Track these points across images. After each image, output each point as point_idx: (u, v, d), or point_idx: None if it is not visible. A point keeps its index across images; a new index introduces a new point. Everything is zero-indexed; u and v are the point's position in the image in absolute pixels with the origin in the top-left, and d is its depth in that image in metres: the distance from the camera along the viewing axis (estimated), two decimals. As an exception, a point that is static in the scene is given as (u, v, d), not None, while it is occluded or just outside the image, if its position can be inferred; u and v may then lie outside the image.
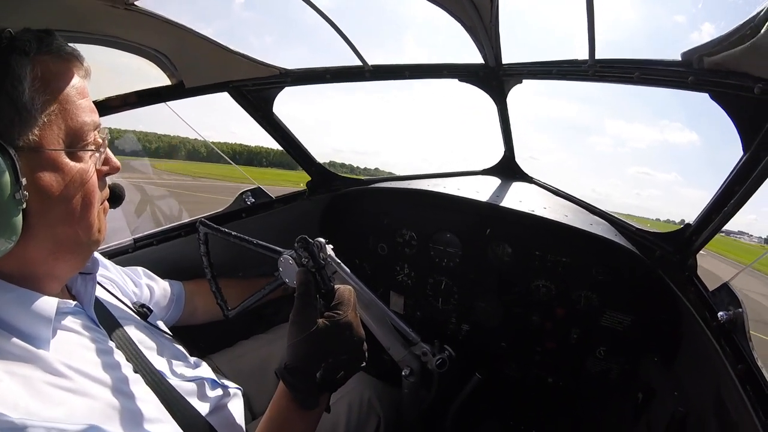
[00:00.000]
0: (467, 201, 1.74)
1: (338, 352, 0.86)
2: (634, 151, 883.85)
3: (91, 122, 0.79)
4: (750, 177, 1.13)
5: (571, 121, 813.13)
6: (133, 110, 1.63)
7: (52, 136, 0.72)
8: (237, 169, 2.26)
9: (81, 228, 0.79)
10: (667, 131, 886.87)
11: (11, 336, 0.69)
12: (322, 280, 0.94)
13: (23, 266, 0.74)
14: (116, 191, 0.92)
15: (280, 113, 1.88)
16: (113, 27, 1.40)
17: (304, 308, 0.88)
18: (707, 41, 1.13)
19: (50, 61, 0.74)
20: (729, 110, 1.14)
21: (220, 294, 1.36)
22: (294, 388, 0.84)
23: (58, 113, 0.73)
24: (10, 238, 0.67)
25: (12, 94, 0.68)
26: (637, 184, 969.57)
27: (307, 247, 0.97)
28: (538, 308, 1.76)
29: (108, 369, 0.80)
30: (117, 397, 0.77)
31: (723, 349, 1.12)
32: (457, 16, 1.53)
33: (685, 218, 1.77)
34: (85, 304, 0.88)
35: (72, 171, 0.75)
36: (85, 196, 0.78)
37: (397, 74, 1.86)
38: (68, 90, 0.75)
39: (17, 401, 0.62)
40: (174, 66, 1.60)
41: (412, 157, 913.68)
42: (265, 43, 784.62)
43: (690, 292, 1.35)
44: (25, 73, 0.70)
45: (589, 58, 1.38)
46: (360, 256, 2.17)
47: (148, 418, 0.81)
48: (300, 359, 0.84)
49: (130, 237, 1.67)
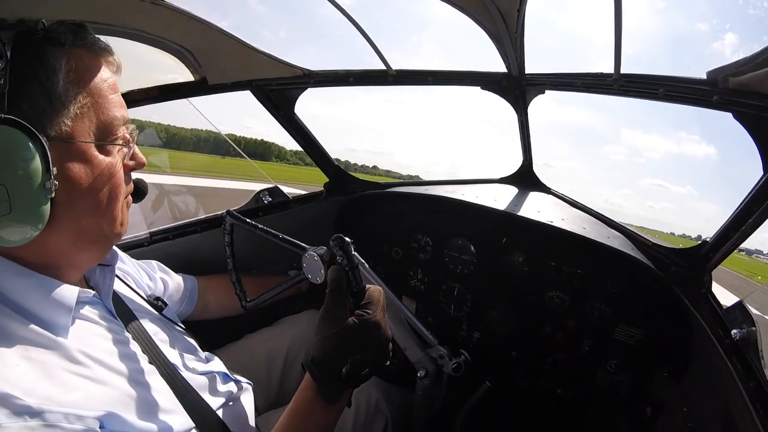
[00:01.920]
0: (484, 209, 1.74)
1: (366, 350, 0.88)
2: (649, 162, 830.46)
3: (121, 117, 0.80)
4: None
5: (587, 128, 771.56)
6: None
7: (84, 128, 0.74)
8: (255, 167, 2.26)
9: (105, 220, 0.80)
10: (684, 143, 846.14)
11: (30, 322, 0.70)
12: (354, 279, 0.94)
13: (45, 254, 0.75)
14: (140, 186, 0.94)
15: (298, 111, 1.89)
16: (139, 21, 1.40)
17: (335, 304, 0.90)
18: (733, 61, 1.14)
19: (84, 55, 0.76)
20: (752, 131, 1.15)
21: (240, 285, 1.36)
22: (320, 382, 0.85)
23: (90, 106, 0.75)
24: (36, 225, 0.68)
25: (46, 84, 0.69)
26: (651, 196, 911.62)
27: (343, 245, 0.98)
28: (551, 319, 1.77)
29: (124, 359, 0.82)
30: (133, 386, 0.79)
31: (735, 367, 1.13)
32: (483, 23, 1.54)
33: (701, 233, 1.73)
34: (103, 294, 0.89)
35: (101, 164, 0.77)
36: (112, 189, 0.79)
37: (420, 80, 1.87)
38: (101, 84, 0.77)
39: (35, 386, 0.63)
40: (198, 62, 1.61)
41: (425, 158, 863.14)
42: (283, 40, 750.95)
43: (704, 308, 1.36)
44: (60, 64, 0.71)
45: (614, 72, 1.38)
46: (374, 259, 2.15)
47: (162, 408, 0.82)
48: (328, 354, 0.86)
49: (146, 231, 1.67)
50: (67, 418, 0.63)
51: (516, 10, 1.39)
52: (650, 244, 1.65)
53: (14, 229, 0.66)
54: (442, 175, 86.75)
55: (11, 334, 0.67)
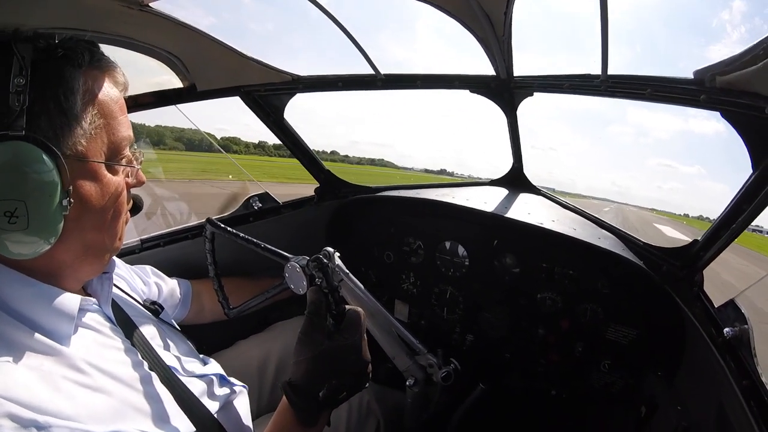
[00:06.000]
0: (475, 211, 1.75)
1: (343, 374, 0.88)
2: (656, 142, 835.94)
3: (128, 137, 0.83)
4: (759, 195, 1.14)
5: (592, 110, 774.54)
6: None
7: (96, 148, 0.76)
8: (244, 172, 2.26)
9: (108, 235, 0.82)
10: (692, 121, 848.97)
11: (32, 331, 0.70)
12: (334, 301, 0.94)
13: (48, 265, 0.76)
14: (136, 202, 0.96)
15: (300, 106, 1.88)
16: (127, 27, 1.40)
17: (313, 328, 0.90)
18: (720, 60, 1.15)
19: (99, 75, 0.78)
20: (740, 129, 1.16)
21: (222, 293, 1.36)
22: (297, 406, 0.85)
23: (102, 127, 0.77)
24: (48, 240, 0.70)
25: (64, 104, 0.71)
26: (659, 176, 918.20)
27: (321, 267, 0.97)
28: (544, 320, 1.77)
29: (125, 366, 0.82)
30: (135, 395, 0.79)
31: (728, 365, 1.13)
32: (471, 27, 1.55)
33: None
34: (102, 302, 0.90)
35: (109, 183, 0.79)
36: (117, 207, 0.82)
37: (408, 84, 1.87)
38: (112, 105, 0.80)
39: (40, 398, 0.63)
40: (186, 69, 1.61)
41: (425, 151, 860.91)
42: (271, 38, 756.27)
43: (696, 307, 1.36)
44: (78, 85, 0.73)
45: (601, 74, 1.39)
46: (366, 263, 2.17)
47: (164, 416, 0.82)
48: (304, 377, 0.86)
49: (137, 238, 1.66)
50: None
51: (503, 14, 1.40)
52: (641, 244, 1.65)
53: (27, 243, 0.68)
54: (446, 165, 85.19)
55: (14, 343, 0.67)
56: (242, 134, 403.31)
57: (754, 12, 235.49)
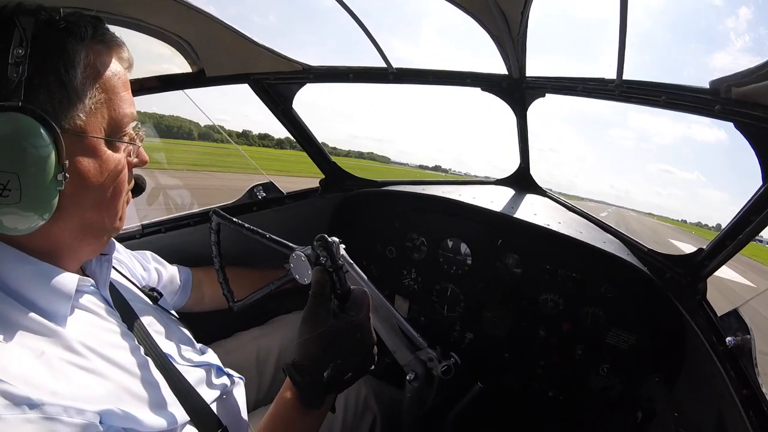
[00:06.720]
0: (480, 210, 1.74)
1: (348, 354, 0.86)
2: (657, 147, 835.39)
3: (130, 114, 0.81)
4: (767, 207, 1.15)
5: (595, 113, 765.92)
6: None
7: (96, 123, 0.74)
8: (250, 161, 2.25)
9: (107, 215, 0.81)
10: (694, 127, 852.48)
11: (28, 310, 0.69)
12: (338, 280, 0.92)
13: (46, 243, 0.75)
14: (139, 182, 0.94)
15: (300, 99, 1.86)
16: (138, 10, 1.38)
17: (317, 307, 0.88)
18: (736, 72, 1.14)
19: (102, 50, 0.76)
20: (752, 141, 1.16)
21: (227, 285, 1.35)
22: (300, 386, 0.82)
23: (103, 102, 0.75)
24: (42, 215, 0.68)
25: (64, 77, 0.69)
26: (659, 181, 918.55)
27: (326, 246, 0.96)
28: (545, 322, 1.77)
29: (121, 350, 0.81)
30: (130, 379, 0.78)
31: (728, 374, 1.14)
32: (486, 25, 1.53)
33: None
34: (100, 284, 0.89)
35: (109, 160, 0.77)
36: (117, 185, 0.80)
37: (420, 79, 1.86)
38: (115, 81, 0.77)
39: (34, 376, 0.62)
40: (196, 54, 1.59)
41: (426, 148, 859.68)
42: (279, 30, 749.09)
43: (699, 315, 1.36)
44: (80, 58, 0.71)
45: (616, 78, 1.38)
46: (368, 257, 2.16)
47: (158, 403, 0.81)
48: (309, 357, 0.83)
49: (138, 223, 1.65)
50: (66, 411, 0.62)
51: (519, 14, 1.38)
52: (646, 249, 1.65)
53: (20, 217, 0.66)
54: (447, 162, 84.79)
55: (10, 322, 0.66)
56: (225, 123, 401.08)
57: (760, 21, 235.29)
